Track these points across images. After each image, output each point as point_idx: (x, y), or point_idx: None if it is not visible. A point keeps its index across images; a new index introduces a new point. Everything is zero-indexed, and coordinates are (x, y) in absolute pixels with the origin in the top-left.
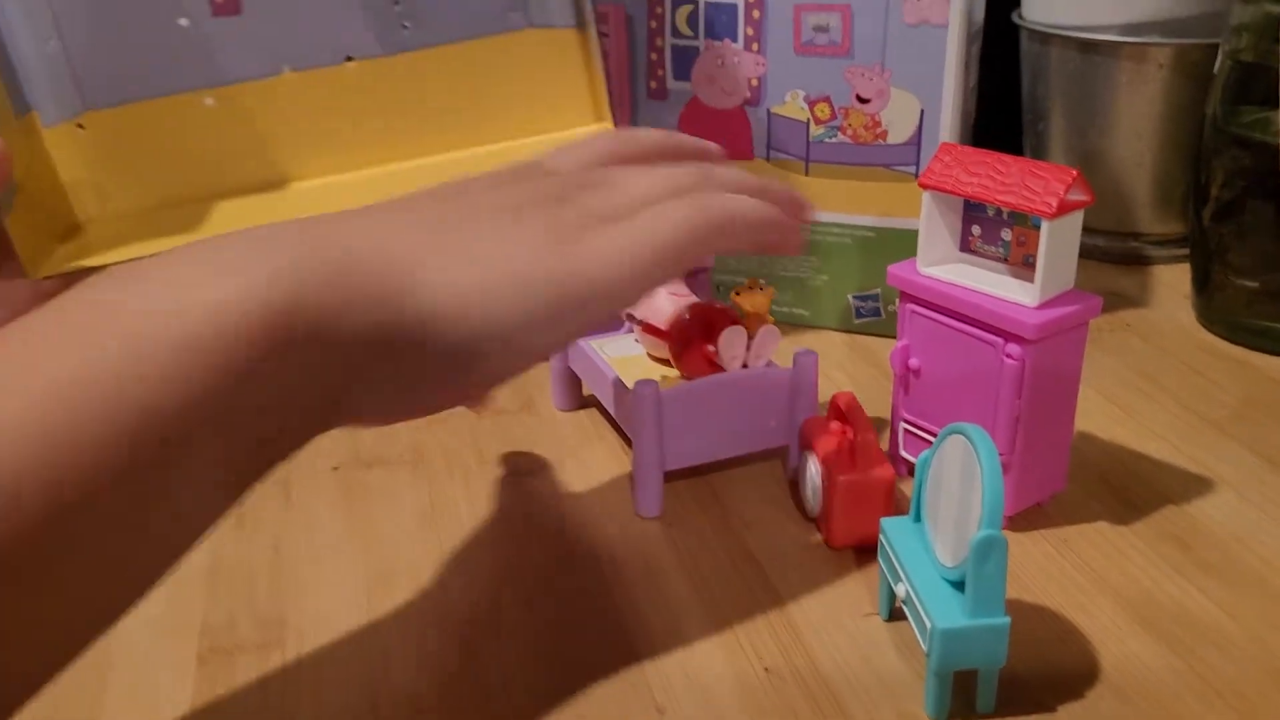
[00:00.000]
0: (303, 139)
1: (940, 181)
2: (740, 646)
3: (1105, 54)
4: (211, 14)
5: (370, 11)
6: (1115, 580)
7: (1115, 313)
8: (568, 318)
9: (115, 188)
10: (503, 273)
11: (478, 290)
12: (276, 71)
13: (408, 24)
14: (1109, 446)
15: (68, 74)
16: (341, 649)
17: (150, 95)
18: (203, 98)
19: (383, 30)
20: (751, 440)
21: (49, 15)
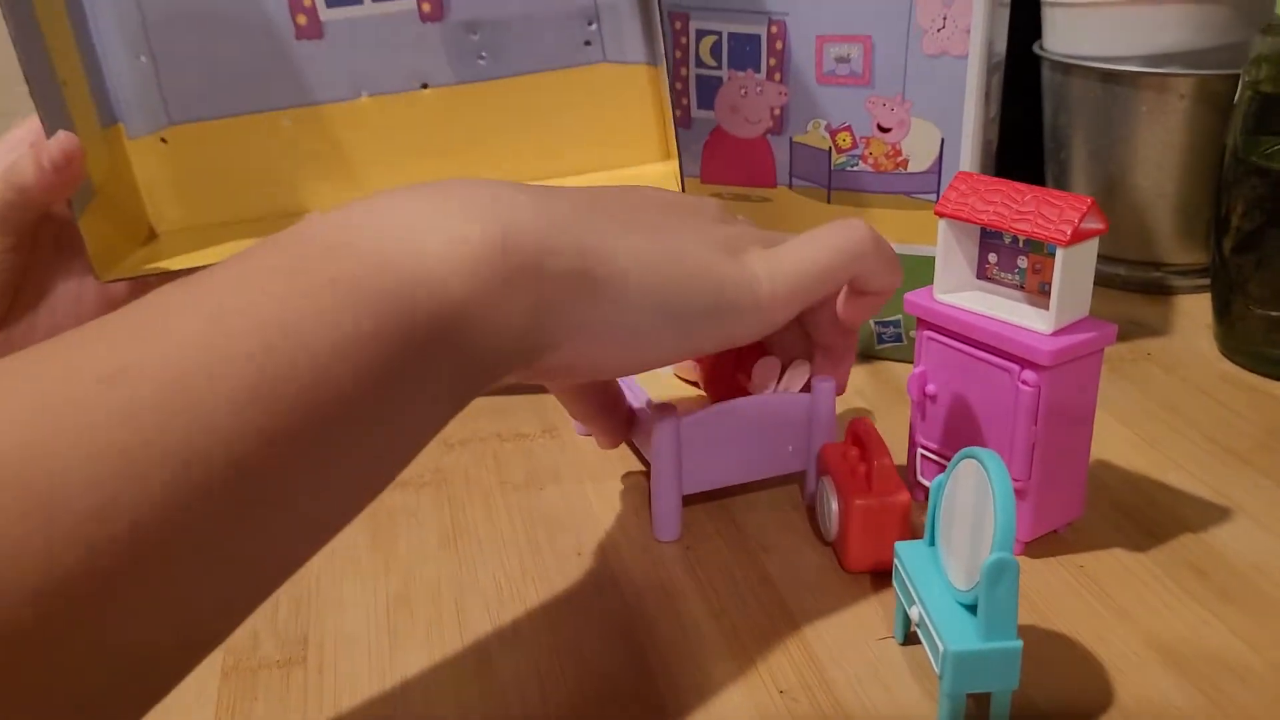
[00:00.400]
0: (376, 162)
1: (956, 210)
2: (756, 669)
3: (1127, 84)
4: (295, 37)
5: (448, 41)
6: (1132, 608)
7: (1136, 342)
8: (718, 316)
9: (191, 200)
10: (678, 255)
11: (655, 267)
12: (354, 96)
13: (484, 55)
14: (1129, 475)
15: (155, 89)
16: (362, 667)
17: (231, 113)
18: (281, 118)
19: (459, 59)
20: (769, 465)
21: (142, 32)
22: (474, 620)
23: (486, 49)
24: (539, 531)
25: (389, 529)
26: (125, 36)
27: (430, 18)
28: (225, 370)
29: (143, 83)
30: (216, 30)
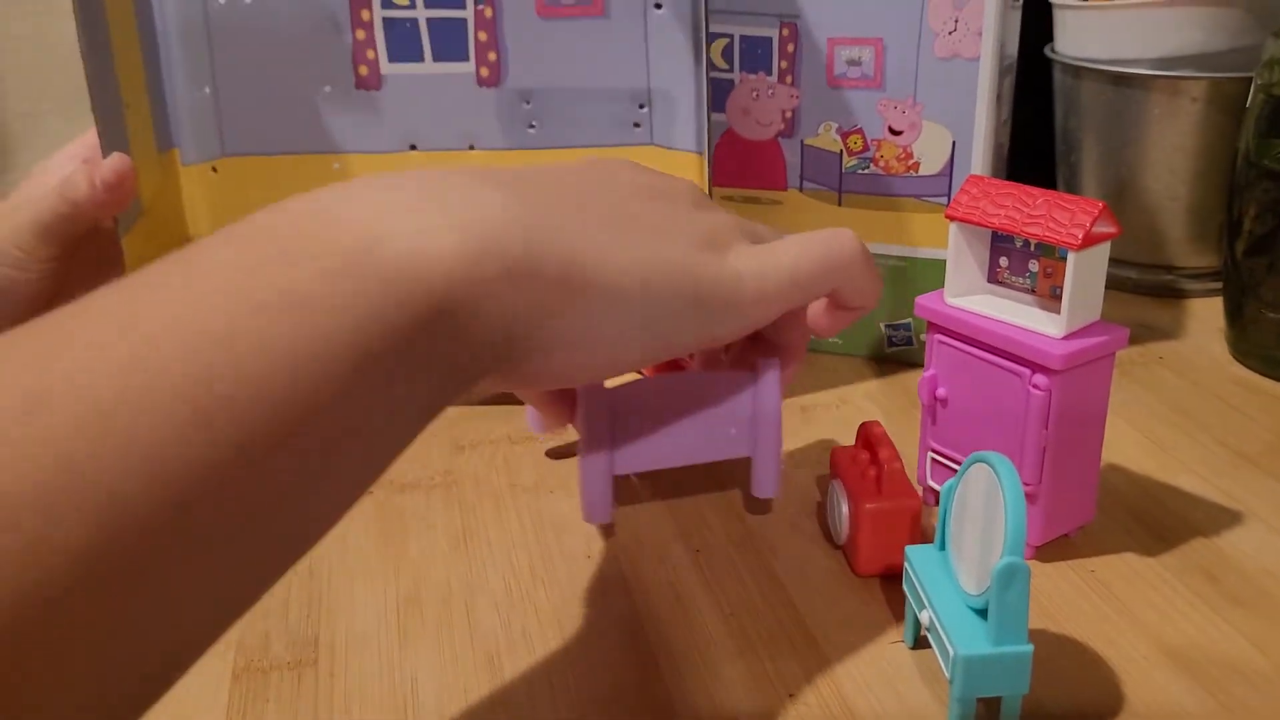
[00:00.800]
0: None
1: (967, 213)
2: (766, 672)
3: (1138, 87)
4: (354, 85)
5: (501, 105)
6: (1142, 612)
7: (1147, 345)
8: (699, 318)
9: None
10: (661, 261)
11: (638, 275)
12: (403, 148)
13: (535, 123)
14: (1139, 479)
15: (214, 120)
16: (372, 669)
17: (283, 151)
18: (331, 161)
19: (510, 125)
20: (711, 448)
21: (208, 64)
22: (484, 622)
23: (537, 118)
24: (548, 534)
25: (399, 531)
26: (192, 67)
27: (487, 83)
28: (162, 395)
29: (202, 113)
30: (279, 71)
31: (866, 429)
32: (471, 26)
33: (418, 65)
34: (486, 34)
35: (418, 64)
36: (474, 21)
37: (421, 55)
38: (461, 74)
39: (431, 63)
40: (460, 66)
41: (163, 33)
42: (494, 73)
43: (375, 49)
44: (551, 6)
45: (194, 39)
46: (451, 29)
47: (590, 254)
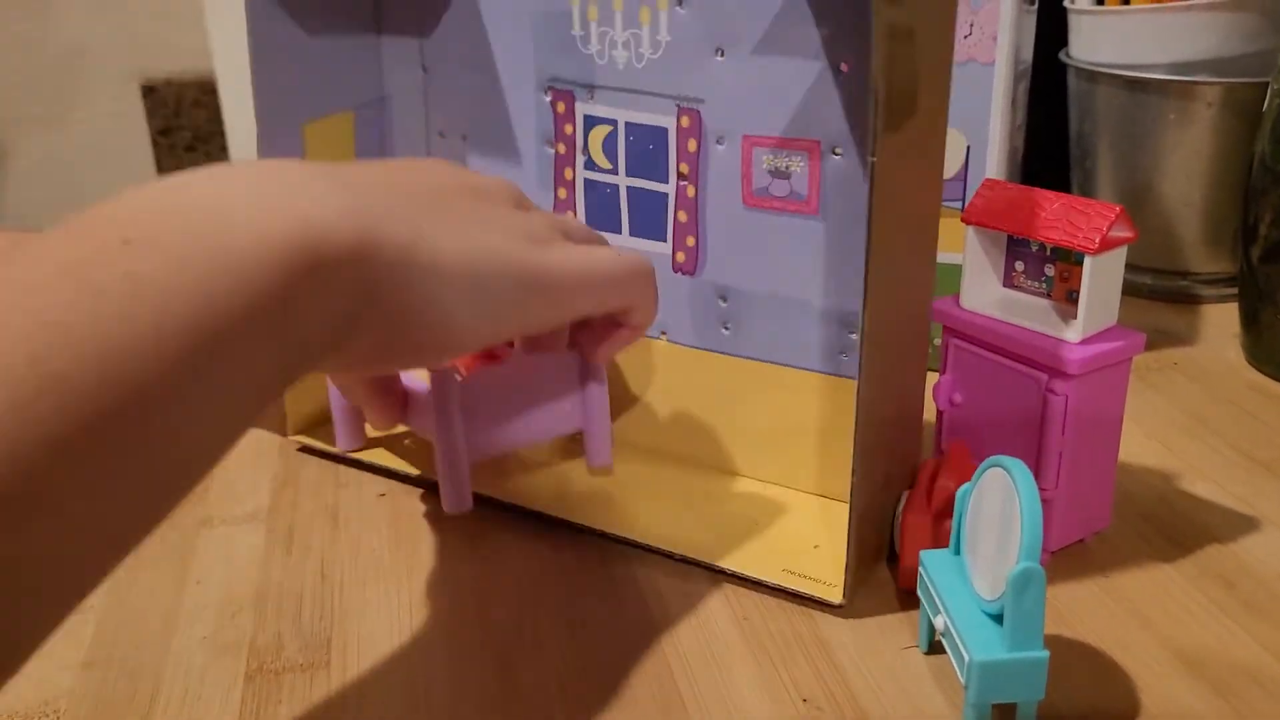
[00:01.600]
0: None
1: (983, 217)
2: (779, 677)
3: (1153, 92)
4: None
5: (696, 299)
6: (1158, 619)
7: (1163, 351)
8: (527, 302)
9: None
10: (487, 249)
11: (467, 260)
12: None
13: (729, 326)
14: (1155, 485)
15: None
16: (385, 670)
17: None
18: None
19: (702, 322)
20: (552, 424)
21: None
22: (496, 625)
23: (732, 321)
24: (561, 537)
25: (411, 534)
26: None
27: (683, 269)
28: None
29: None
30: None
31: (950, 445)
32: (672, 204)
33: (614, 237)
34: (687, 215)
35: (614, 235)
36: (675, 199)
37: (620, 227)
38: (657, 254)
39: (629, 237)
40: (657, 246)
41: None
42: (690, 260)
43: (575, 211)
44: (761, 197)
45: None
46: (651, 203)
47: (421, 239)
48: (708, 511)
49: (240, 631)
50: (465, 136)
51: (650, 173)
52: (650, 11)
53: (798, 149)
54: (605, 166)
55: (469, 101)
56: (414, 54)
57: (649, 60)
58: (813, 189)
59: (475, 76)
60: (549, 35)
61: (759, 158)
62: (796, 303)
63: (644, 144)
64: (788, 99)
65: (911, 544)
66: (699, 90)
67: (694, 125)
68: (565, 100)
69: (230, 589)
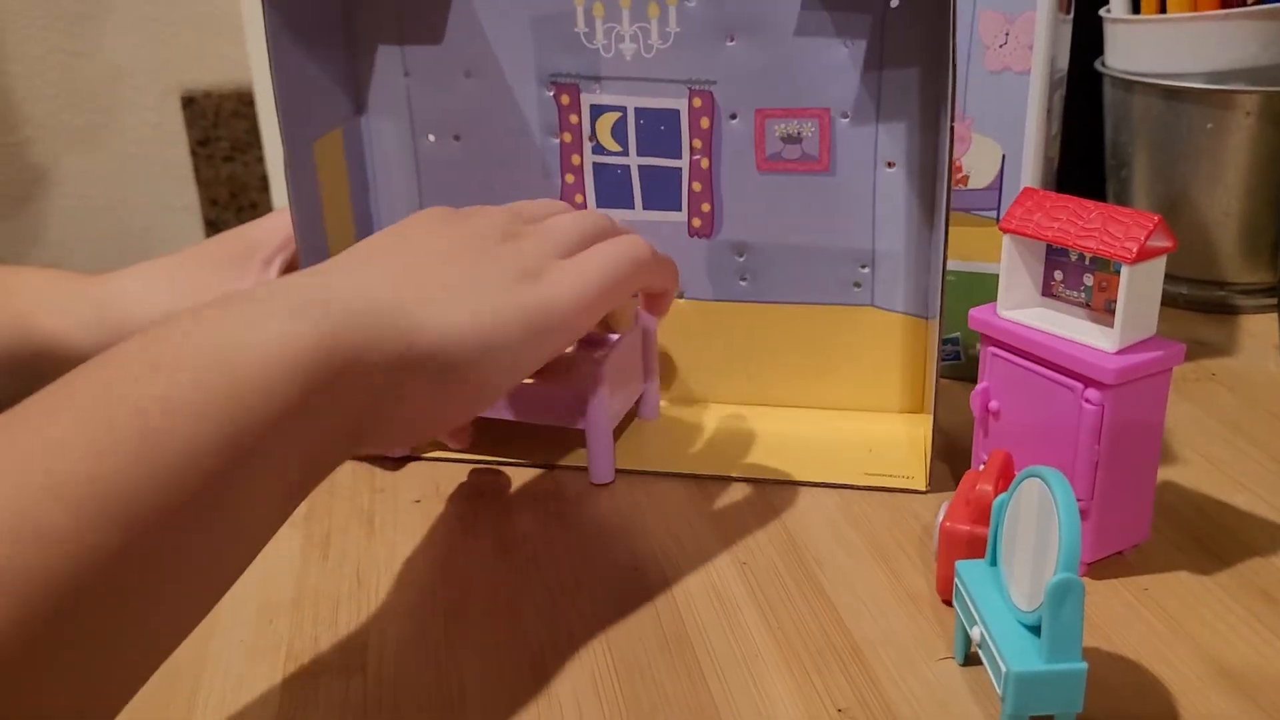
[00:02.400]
0: None
1: (1021, 226)
2: (813, 686)
3: (1190, 101)
4: None
5: (713, 256)
6: (1197, 631)
7: (1200, 362)
8: (538, 342)
9: None
10: (486, 312)
11: (468, 324)
12: None
13: (747, 277)
14: (1193, 496)
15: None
16: (419, 673)
17: None
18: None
19: (719, 277)
20: (633, 391)
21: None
22: (530, 630)
23: (750, 272)
24: (593, 542)
25: (445, 539)
26: (401, 203)
27: (699, 233)
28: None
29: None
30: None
31: (993, 454)
32: (686, 177)
33: (627, 212)
34: (702, 185)
35: (627, 210)
36: (689, 172)
37: (632, 202)
38: (672, 223)
39: (642, 210)
40: (671, 216)
41: (371, 168)
42: (706, 224)
43: (584, 194)
44: (774, 161)
45: (404, 176)
46: (664, 178)
47: (421, 328)
48: (763, 441)
49: (277, 635)
50: (458, 137)
51: (662, 151)
52: (659, 6)
53: (809, 116)
54: (615, 150)
55: (462, 103)
56: (395, 61)
57: (659, 50)
58: (824, 150)
59: (468, 78)
60: (550, 34)
61: (771, 128)
62: (811, 249)
63: (655, 126)
64: (798, 73)
65: (948, 553)
66: (711, 73)
67: (707, 105)
68: (569, 93)
69: (268, 593)
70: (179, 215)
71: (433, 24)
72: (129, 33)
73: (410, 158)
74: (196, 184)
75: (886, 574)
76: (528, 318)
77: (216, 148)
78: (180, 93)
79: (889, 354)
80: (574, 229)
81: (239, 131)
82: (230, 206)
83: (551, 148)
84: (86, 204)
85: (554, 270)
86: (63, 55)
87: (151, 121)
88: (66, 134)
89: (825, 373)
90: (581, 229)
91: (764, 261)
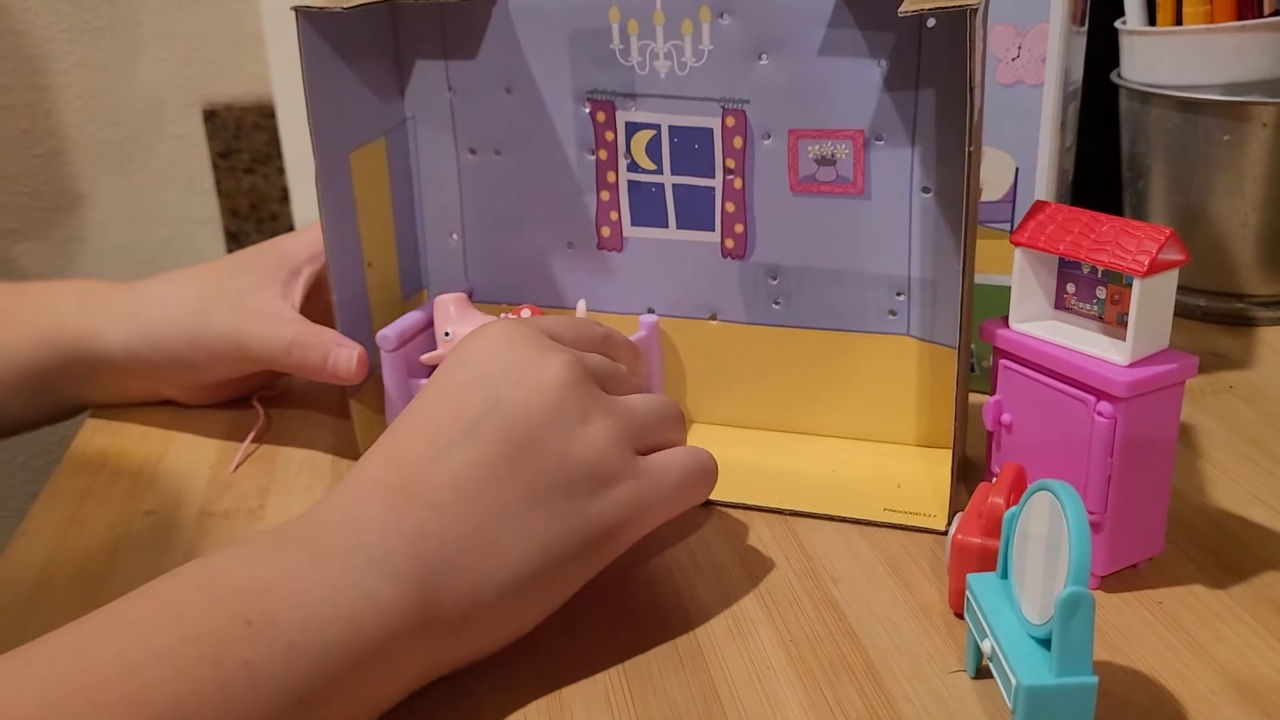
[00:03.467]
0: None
1: (1033, 239)
2: (825, 699)
3: (1207, 113)
4: (596, 246)
5: (746, 280)
6: (1211, 645)
7: (1217, 374)
8: (591, 560)
9: None
10: (547, 549)
11: (530, 571)
12: (640, 310)
13: (780, 300)
14: (1208, 510)
15: (460, 267)
16: (434, 691)
17: (524, 302)
18: (571, 315)
19: (753, 299)
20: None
21: (457, 214)
22: (544, 647)
23: (783, 295)
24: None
25: None
26: (441, 216)
27: (732, 254)
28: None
29: (450, 259)
30: (524, 225)
31: (1005, 467)
32: (719, 197)
33: (661, 231)
34: (735, 205)
35: (661, 229)
36: (722, 192)
37: (666, 221)
38: (706, 243)
39: (675, 229)
40: (705, 236)
41: (416, 180)
42: (740, 245)
43: (619, 211)
44: (807, 183)
45: (445, 189)
46: (698, 197)
47: (482, 582)
48: (788, 470)
49: None
50: (498, 151)
51: (696, 170)
52: (693, 23)
53: (842, 138)
54: (649, 168)
55: (503, 118)
56: (439, 76)
57: (692, 68)
58: (858, 172)
59: (509, 93)
60: (587, 50)
61: (805, 148)
62: (845, 274)
63: (689, 144)
64: (831, 94)
65: (960, 566)
66: (743, 92)
67: (740, 124)
68: (605, 110)
69: None
70: (201, 226)
71: (473, 40)
72: (154, 47)
73: (453, 171)
74: (218, 195)
75: (899, 586)
76: (585, 539)
77: (238, 160)
78: (202, 106)
79: (922, 386)
80: (648, 418)
81: (259, 144)
82: (250, 218)
83: (588, 164)
84: (110, 215)
85: (626, 478)
86: (88, 69)
87: (175, 134)
88: (92, 147)
89: (856, 402)
90: (660, 414)
91: (798, 285)
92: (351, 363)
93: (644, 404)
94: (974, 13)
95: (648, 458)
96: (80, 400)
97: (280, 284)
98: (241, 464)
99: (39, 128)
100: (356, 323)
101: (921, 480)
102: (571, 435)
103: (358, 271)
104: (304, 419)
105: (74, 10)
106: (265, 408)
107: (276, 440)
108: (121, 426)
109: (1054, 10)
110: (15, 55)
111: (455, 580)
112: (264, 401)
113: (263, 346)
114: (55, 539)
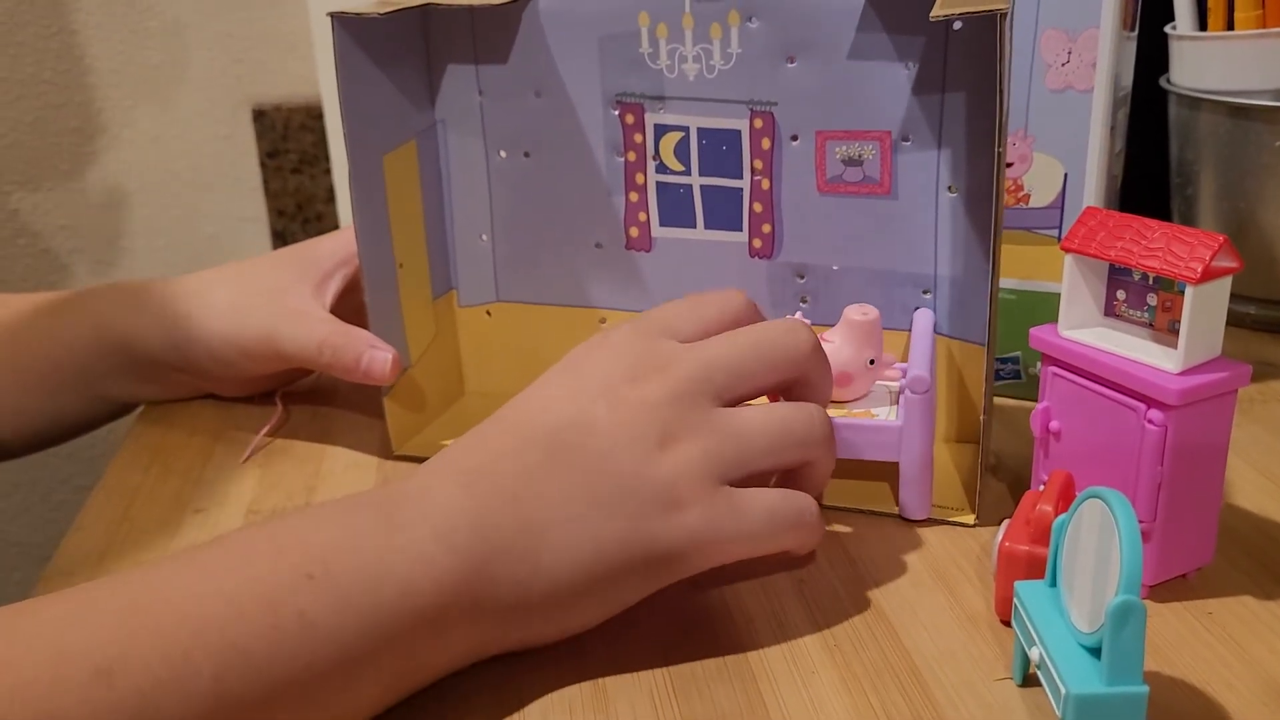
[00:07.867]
0: None
1: (1083, 245)
2: (870, 706)
3: (1257, 119)
4: (625, 246)
5: (773, 277)
6: (1262, 656)
7: (1268, 383)
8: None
9: (502, 371)
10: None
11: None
12: None
13: (808, 299)
14: (1258, 520)
15: (490, 267)
16: (477, 693)
17: (553, 302)
18: (597, 316)
19: (780, 298)
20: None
21: (487, 214)
22: (588, 649)
23: (810, 294)
24: None
25: None
26: (471, 216)
27: (759, 254)
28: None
29: (480, 259)
30: (553, 226)
31: (1053, 475)
32: (747, 197)
33: (689, 231)
34: (763, 206)
35: (689, 230)
36: (750, 192)
37: (694, 222)
38: (733, 243)
39: (703, 230)
40: (733, 235)
41: (447, 182)
42: (767, 245)
43: (647, 212)
44: (835, 184)
45: (475, 191)
46: (726, 198)
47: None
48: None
49: None
50: (528, 154)
51: (724, 171)
52: (721, 26)
53: (870, 139)
54: (678, 169)
55: (532, 121)
56: (469, 79)
57: (720, 71)
58: (885, 173)
59: (539, 97)
60: (616, 54)
61: (832, 149)
62: (872, 272)
63: (717, 146)
64: (858, 97)
65: (1008, 573)
66: (771, 94)
67: (768, 126)
68: (634, 112)
69: None
70: (248, 225)
71: (504, 44)
72: (203, 48)
73: (483, 173)
74: (265, 195)
75: (945, 594)
76: (647, 555)
77: (285, 160)
78: (251, 106)
79: (950, 382)
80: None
81: (307, 144)
82: (297, 218)
83: (616, 166)
84: (158, 213)
85: (699, 504)
86: (139, 68)
87: (223, 134)
88: (143, 144)
89: None
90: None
91: (824, 284)
92: (386, 365)
93: (758, 426)
94: (1004, 17)
95: (734, 491)
96: (129, 398)
97: (313, 284)
98: (251, 457)
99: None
100: (388, 322)
101: (950, 475)
102: (648, 456)
103: (390, 272)
104: (351, 418)
105: (127, 11)
106: (286, 404)
107: (323, 439)
108: (170, 425)
109: (1105, 15)
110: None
111: (512, 566)
112: (287, 398)
113: (295, 345)
114: (107, 536)
